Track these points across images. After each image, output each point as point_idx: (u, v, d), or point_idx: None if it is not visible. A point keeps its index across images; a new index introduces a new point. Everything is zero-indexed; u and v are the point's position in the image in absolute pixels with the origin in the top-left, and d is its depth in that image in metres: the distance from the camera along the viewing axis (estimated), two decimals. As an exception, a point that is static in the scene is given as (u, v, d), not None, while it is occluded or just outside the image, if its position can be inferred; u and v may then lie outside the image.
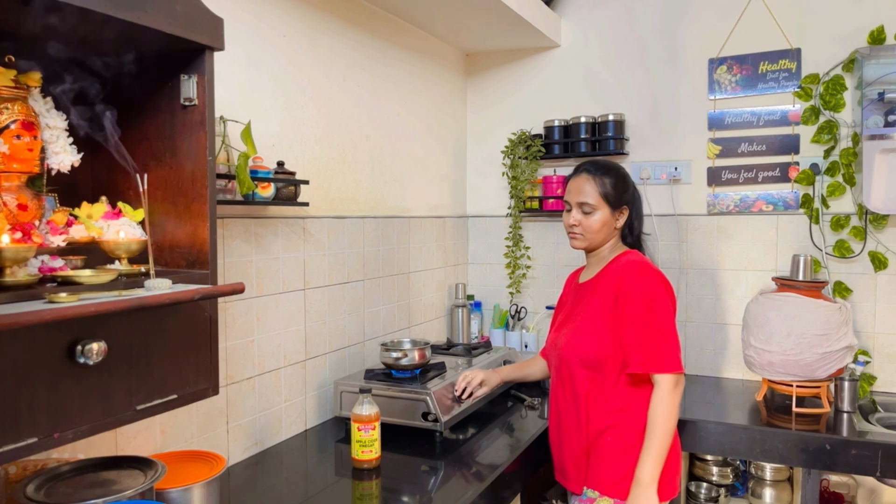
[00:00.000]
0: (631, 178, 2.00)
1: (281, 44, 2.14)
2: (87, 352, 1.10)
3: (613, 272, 1.89)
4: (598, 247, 1.95)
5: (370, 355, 2.60)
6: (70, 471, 1.33)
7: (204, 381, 1.37)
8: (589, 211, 1.91)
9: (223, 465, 1.59)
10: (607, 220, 1.92)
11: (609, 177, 1.91)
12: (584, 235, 1.93)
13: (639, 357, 1.77)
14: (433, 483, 1.85)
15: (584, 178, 1.93)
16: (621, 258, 1.92)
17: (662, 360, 1.77)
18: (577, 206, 1.93)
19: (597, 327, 1.85)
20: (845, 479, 2.63)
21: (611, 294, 1.85)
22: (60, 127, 1.25)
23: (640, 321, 1.78)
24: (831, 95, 2.72)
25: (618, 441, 1.84)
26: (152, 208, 1.38)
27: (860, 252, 2.72)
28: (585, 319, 1.89)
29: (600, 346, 1.83)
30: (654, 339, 1.77)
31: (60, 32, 1.14)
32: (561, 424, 1.97)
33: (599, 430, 1.86)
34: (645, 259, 1.91)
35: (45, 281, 1.14)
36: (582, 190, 1.91)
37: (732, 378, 2.95)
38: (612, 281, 1.87)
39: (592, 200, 1.90)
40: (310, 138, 2.29)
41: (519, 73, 3.33)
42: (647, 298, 1.80)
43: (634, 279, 1.83)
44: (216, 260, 1.37)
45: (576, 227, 1.93)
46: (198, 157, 1.34)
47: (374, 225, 2.65)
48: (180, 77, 1.34)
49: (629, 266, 1.86)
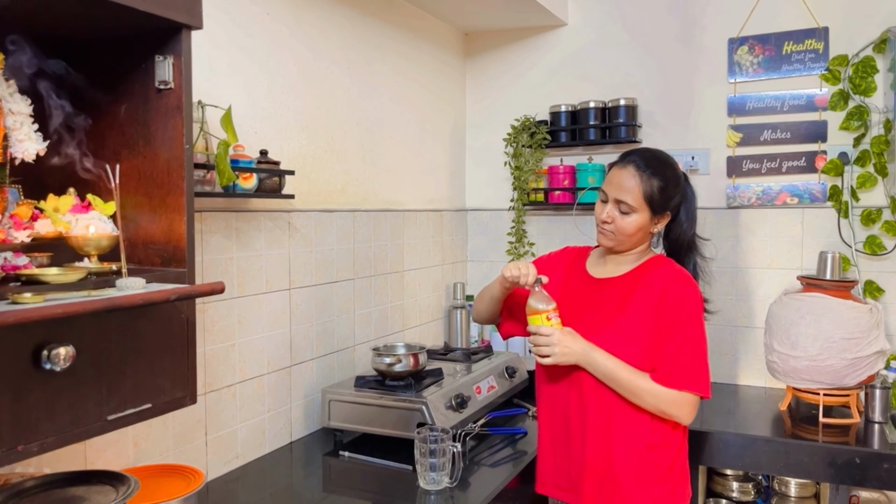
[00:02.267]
0: (685, 179, 1.91)
1: (265, 22, 2.14)
2: (53, 357, 1.10)
3: (651, 277, 1.85)
4: (628, 250, 1.90)
5: (361, 361, 2.60)
6: (35, 486, 1.33)
7: (180, 389, 1.37)
8: (626, 211, 1.81)
9: (201, 480, 1.60)
10: (644, 224, 1.84)
11: (658, 178, 1.81)
12: (615, 235, 1.85)
13: (669, 372, 1.77)
14: (432, 501, 1.85)
15: (629, 172, 1.82)
16: (658, 262, 1.89)
17: (691, 380, 1.77)
18: (614, 202, 1.83)
19: (635, 335, 1.81)
20: (876, 496, 2.64)
21: (652, 301, 1.81)
22: (25, 112, 1.24)
23: (683, 336, 1.78)
24: (861, 78, 2.73)
25: (658, 460, 1.83)
26: (124, 201, 1.38)
27: (893, 249, 2.72)
28: (624, 325, 1.83)
29: (636, 355, 1.80)
30: (691, 358, 1.78)
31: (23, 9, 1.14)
32: (586, 437, 1.86)
33: (633, 447, 1.83)
34: (684, 269, 1.90)
35: (8, 280, 1.14)
36: (624, 186, 1.81)
37: (754, 386, 2.96)
38: (653, 287, 1.83)
39: (633, 201, 1.80)
40: (295, 125, 2.29)
41: (522, 55, 3.33)
42: (694, 314, 1.80)
43: (683, 290, 1.81)
44: (194, 257, 1.37)
45: (608, 225, 1.85)
46: (174, 145, 1.34)
47: (365, 219, 2.65)
48: (154, 58, 1.34)
49: (677, 275, 1.84)
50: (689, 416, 1.80)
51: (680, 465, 1.89)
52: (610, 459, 1.83)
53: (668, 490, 1.84)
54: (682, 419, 1.80)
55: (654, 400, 1.77)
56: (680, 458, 1.89)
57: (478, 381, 2.40)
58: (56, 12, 1.23)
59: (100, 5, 1.17)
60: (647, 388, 1.77)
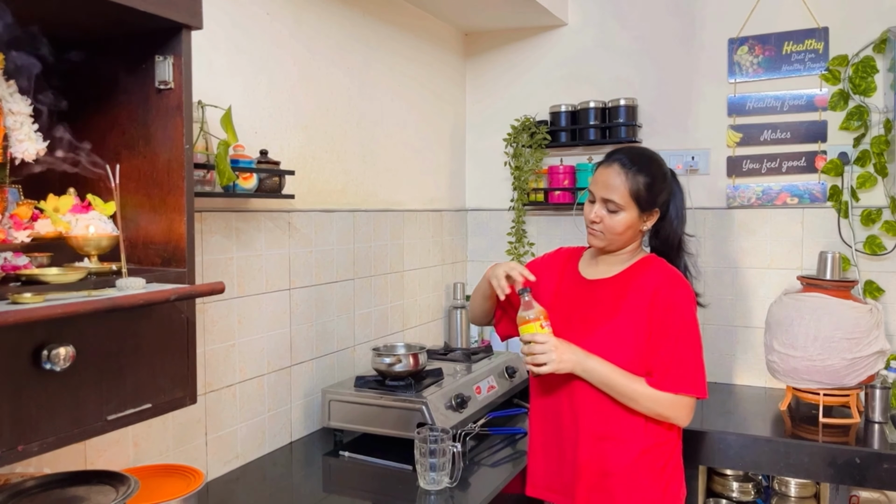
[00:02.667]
0: (671, 175, 1.91)
1: (265, 22, 2.14)
2: (53, 357, 1.10)
3: (643, 277, 1.84)
4: (619, 249, 1.90)
5: (361, 361, 2.60)
6: (35, 486, 1.33)
7: (180, 389, 1.37)
8: (614, 210, 1.82)
9: (201, 480, 1.60)
10: (633, 222, 1.84)
11: (644, 175, 1.81)
12: (604, 235, 1.85)
13: (665, 375, 1.76)
14: (432, 501, 1.85)
15: (615, 170, 1.83)
16: (650, 262, 1.88)
17: (688, 382, 1.77)
18: (601, 201, 1.84)
19: (628, 337, 1.81)
20: (877, 496, 2.64)
21: (644, 302, 1.81)
22: (25, 112, 1.24)
23: (676, 337, 1.77)
24: (861, 78, 2.73)
25: (653, 461, 1.83)
26: (124, 201, 1.38)
27: (893, 249, 2.72)
28: (616, 327, 1.82)
29: (631, 358, 1.79)
30: (687, 360, 1.77)
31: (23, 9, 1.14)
32: (579, 440, 1.86)
33: (627, 450, 1.82)
34: (676, 269, 1.90)
35: (8, 280, 1.14)
36: (610, 185, 1.82)
37: (754, 386, 2.96)
38: (646, 288, 1.82)
39: (620, 199, 1.81)
40: (295, 125, 2.29)
41: (522, 55, 3.33)
42: (686, 314, 1.80)
43: (675, 290, 1.81)
44: (194, 257, 1.37)
45: (596, 224, 1.85)
46: (174, 145, 1.34)
47: (365, 219, 2.65)
48: (155, 58, 1.34)
49: (669, 275, 1.84)
50: (686, 418, 1.79)
51: (674, 465, 1.88)
52: (603, 462, 1.82)
53: (662, 489, 1.84)
54: (680, 421, 1.80)
55: (652, 404, 1.77)
56: (674, 457, 1.88)
57: (478, 381, 2.41)
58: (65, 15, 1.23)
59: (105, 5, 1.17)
60: (644, 392, 1.77)
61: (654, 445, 1.82)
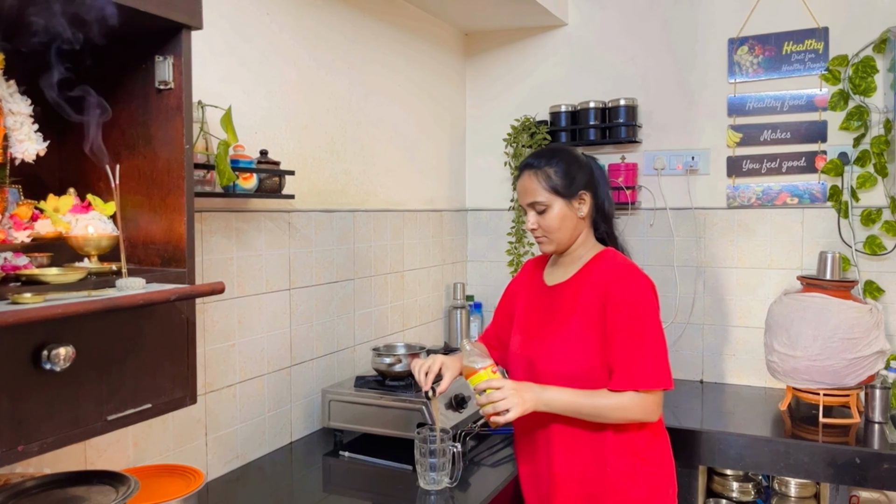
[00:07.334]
0: (584, 157, 1.90)
1: (264, 23, 2.14)
2: (53, 357, 1.10)
3: (596, 275, 1.82)
4: (569, 245, 1.87)
5: (361, 361, 2.60)
6: (35, 486, 1.33)
7: (180, 390, 1.37)
8: (542, 210, 1.82)
9: (201, 480, 1.60)
10: (565, 213, 1.83)
11: (553, 165, 1.82)
12: (548, 237, 1.85)
13: (626, 373, 1.73)
14: (432, 501, 1.85)
15: (526, 176, 1.85)
16: (603, 258, 1.86)
17: (651, 377, 1.73)
18: (529, 207, 1.85)
19: (586, 340, 1.78)
20: (877, 496, 2.65)
21: (597, 301, 1.78)
22: (25, 113, 1.24)
23: (631, 332, 1.74)
24: (861, 79, 2.73)
25: (631, 470, 1.80)
26: (124, 201, 1.38)
27: (893, 249, 2.73)
28: (572, 331, 1.80)
29: (592, 361, 1.77)
30: (645, 353, 1.74)
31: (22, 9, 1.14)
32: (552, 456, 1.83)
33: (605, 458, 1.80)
34: (630, 261, 1.87)
35: (8, 280, 1.14)
36: (528, 189, 1.84)
37: (754, 386, 2.96)
38: (598, 286, 1.80)
39: (542, 198, 1.81)
40: (295, 125, 2.29)
41: (522, 55, 3.33)
42: (639, 306, 1.76)
43: (625, 285, 1.77)
44: (194, 257, 1.37)
45: (536, 231, 1.86)
46: (174, 145, 1.35)
47: (365, 219, 2.65)
48: (155, 58, 1.34)
49: (618, 269, 1.81)
50: (655, 412, 1.77)
51: (661, 462, 1.86)
52: (582, 482, 1.80)
53: (653, 486, 1.82)
54: (651, 418, 1.77)
55: (620, 413, 1.74)
56: (663, 455, 1.86)
57: (478, 382, 2.40)
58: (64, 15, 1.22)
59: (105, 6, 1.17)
60: (608, 405, 1.73)
61: (630, 454, 1.79)
